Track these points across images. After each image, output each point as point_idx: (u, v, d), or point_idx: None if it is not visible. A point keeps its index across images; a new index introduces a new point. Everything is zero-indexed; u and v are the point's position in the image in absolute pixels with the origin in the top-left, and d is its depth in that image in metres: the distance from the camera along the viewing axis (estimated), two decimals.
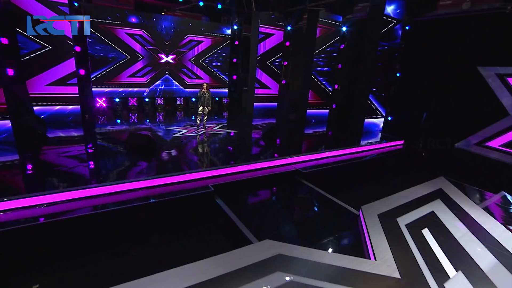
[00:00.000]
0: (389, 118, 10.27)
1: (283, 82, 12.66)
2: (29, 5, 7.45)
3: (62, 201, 4.15)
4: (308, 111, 11.04)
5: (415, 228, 4.11)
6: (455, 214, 4.57)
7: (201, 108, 8.53)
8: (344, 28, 10.85)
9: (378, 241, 3.74)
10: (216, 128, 9.39)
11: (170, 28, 11.38)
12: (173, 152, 6.70)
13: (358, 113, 9.76)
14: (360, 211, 4.58)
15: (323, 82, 11.15)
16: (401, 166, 8.03)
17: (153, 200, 4.36)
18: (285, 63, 12.47)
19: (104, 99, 10.87)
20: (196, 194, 4.67)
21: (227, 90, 13.57)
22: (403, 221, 4.31)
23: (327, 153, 7.16)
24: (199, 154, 7.07)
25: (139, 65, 11.18)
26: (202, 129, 8.78)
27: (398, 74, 9.92)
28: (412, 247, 3.63)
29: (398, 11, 9.01)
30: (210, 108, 8.64)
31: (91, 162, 6.07)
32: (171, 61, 11.78)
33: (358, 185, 6.54)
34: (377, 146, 8.46)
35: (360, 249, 3.91)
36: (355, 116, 9.82)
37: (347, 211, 4.90)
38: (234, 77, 13.37)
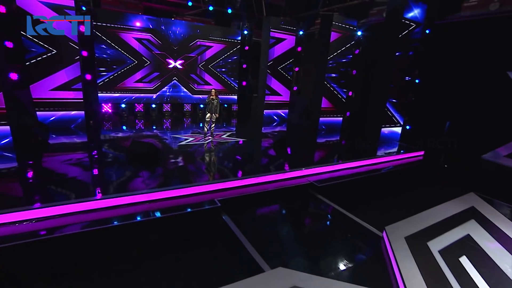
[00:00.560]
0: (408, 127, 9.67)
1: (295, 88, 12.23)
2: (36, 9, 7.29)
3: (55, 215, 3.77)
4: (320, 119, 10.53)
5: (451, 255, 3.55)
6: (496, 239, 3.98)
7: (208, 115, 8.14)
8: (359, 33, 10.38)
9: (409, 271, 3.20)
10: (224, 136, 8.98)
11: (179, 33, 11.14)
12: (178, 162, 6.30)
13: (374, 122, 9.22)
14: (384, 233, 4.05)
15: (337, 89, 10.65)
16: (423, 179, 7.43)
17: (153, 216, 3.94)
18: (297, 69, 12.06)
19: (109, 104, 10.65)
20: (201, 210, 4.25)
21: (236, 96, 13.21)
22: (435, 246, 3.75)
23: (343, 164, 6.64)
24: (205, 164, 6.65)
25: (146, 70, 10.95)
26: (210, 137, 8.38)
27: (417, 81, 9.35)
28: (452, 280, 3.08)
29: (417, 14, 8.50)
30: (218, 115, 8.25)
31: (90, 173, 5.70)
32: (179, 66, 11.52)
33: (377, 201, 5.97)
34: (396, 157, 7.87)
35: (386, 279, 3.37)
36: (371, 124, 9.29)
37: (368, 232, 4.37)
38: (244, 83, 13.01)
